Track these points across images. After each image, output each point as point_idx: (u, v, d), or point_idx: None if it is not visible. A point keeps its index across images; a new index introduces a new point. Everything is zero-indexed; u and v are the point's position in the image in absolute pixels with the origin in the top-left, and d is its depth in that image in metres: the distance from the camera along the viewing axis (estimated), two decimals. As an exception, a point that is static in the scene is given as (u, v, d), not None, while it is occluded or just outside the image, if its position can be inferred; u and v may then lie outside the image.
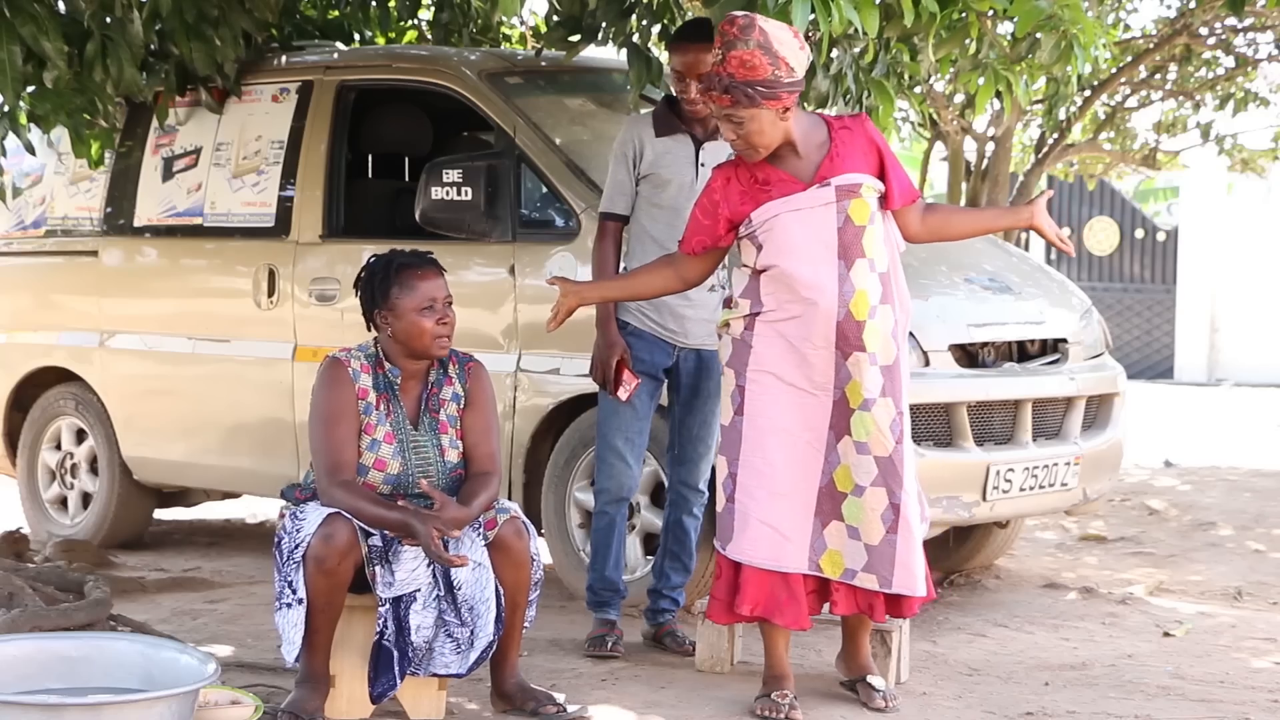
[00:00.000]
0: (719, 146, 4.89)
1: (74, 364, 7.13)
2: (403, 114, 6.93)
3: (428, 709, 4.29)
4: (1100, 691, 4.76)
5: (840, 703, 4.59)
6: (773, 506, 4.28)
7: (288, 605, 4.08)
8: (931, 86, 10.32)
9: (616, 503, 5.12)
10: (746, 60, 4.12)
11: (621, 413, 5.04)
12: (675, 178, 5.01)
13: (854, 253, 4.24)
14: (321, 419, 4.21)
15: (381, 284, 4.24)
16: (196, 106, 6.80)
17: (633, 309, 5.02)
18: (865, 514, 4.27)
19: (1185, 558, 7.35)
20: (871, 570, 4.30)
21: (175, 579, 6.39)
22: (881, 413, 4.24)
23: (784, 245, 4.25)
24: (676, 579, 5.22)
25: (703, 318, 5.03)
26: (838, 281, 4.23)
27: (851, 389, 4.24)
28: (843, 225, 4.24)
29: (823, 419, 4.28)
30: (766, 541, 4.29)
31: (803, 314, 4.24)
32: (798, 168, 4.28)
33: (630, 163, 5.05)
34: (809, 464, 4.29)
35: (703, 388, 5.11)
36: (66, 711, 3.44)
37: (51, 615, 4.67)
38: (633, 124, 5.15)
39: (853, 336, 4.23)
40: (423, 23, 8.06)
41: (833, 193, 4.24)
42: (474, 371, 4.37)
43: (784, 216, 4.25)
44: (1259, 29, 11.53)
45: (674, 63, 5.00)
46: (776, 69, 4.13)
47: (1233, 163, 14.50)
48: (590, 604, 5.19)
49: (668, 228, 4.95)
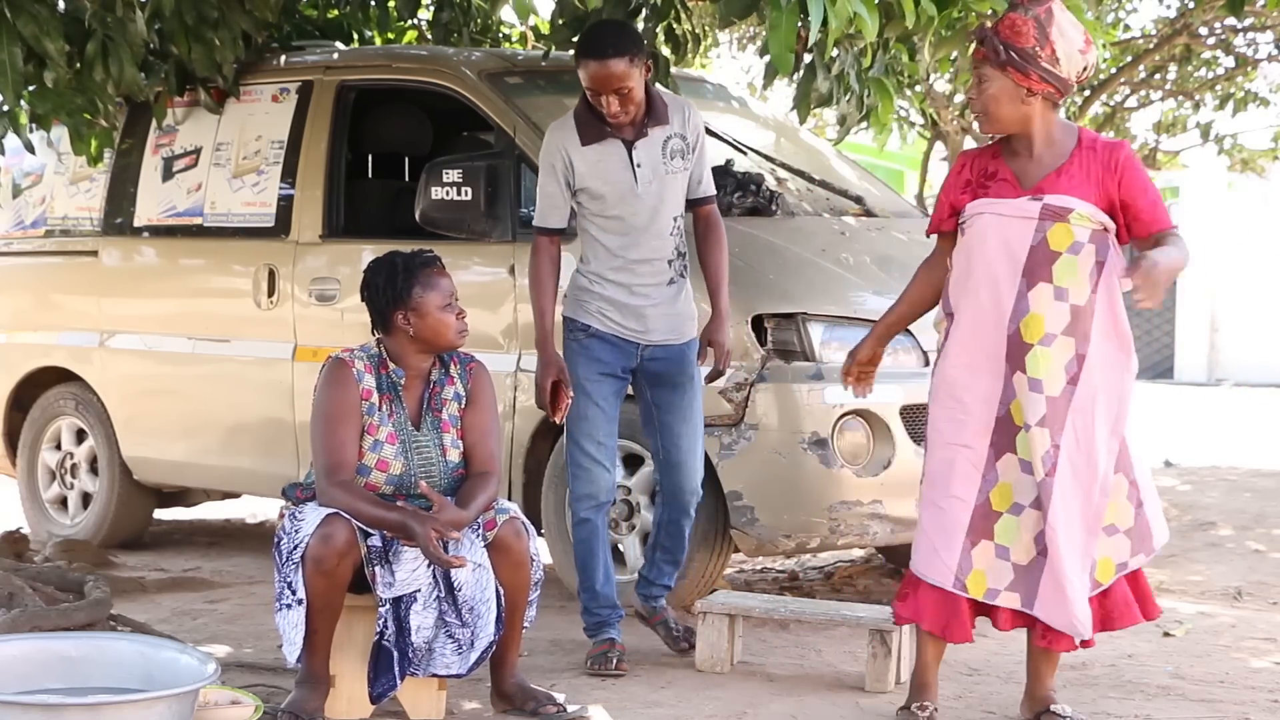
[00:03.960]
0: (650, 144, 4.83)
1: (74, 364, 7.13)
2: (403, 114, 6.94)
3: (428, 709, 4.29)
4: (1100, 691, 4.76)
5: (843, 703, 4.59)
6: (932, 516, 4.23)
7: (287, 606, 4.08)
8: (931, 86, 10.33)
9: (597, 508, 4.97)
10: (1017, 24, 4.08)
11: (589, 416, 4.90)
12: (612, 187, 4.84)
13: (1039, 275, 4.11)
14: (324, 419, 4.21)
15: (404, 284, 4.23)
16: (196, 106, 6.81)
17: (592, 310, 4.90)
18: (1019, 534, 4.17)
19: (1185, 558, 7.34)
20: (1015, 589, 4.19)
21: (175, 579, 6.39)
22: (1039, 439, 4.12)
23: (976, 246, 4.18)
24: (668, 570, 5.12)
25: (664, 313, 4.91)
26: (1015, 298, 4.13)
27: (1016, 407, 4.15)
28: (1037, 244, 4.11)
29: (983, 435, 4.18)
30: (924, 549, 4.24)
31: (982, 320, 4.17)
32: (1025, 170, 4.18)
33: (559, 175, 4.87)
34: (968, 479, 4.19)
35: (678, 383, 4.96)
36: (66, 711, 3.44)
37: (51, 615, 4.67)
38: (556, 132, 4.93)
39: (1017, 356, 4.13)
40: (423, 23, 8.06)
41: (1039, 209, 4.12)
42: (475, 371, 4.37)
43: (987, 217, 4.17)
44: (1259, 29, 11.53)
45: (586, 79, 4.77)
46: (1040, 47, 4.07)
47: (1233, 163, 14.51)
48: (588, 628, 5.01)
49: (620, 237, 4.86)
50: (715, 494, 5.43)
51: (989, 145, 4.33)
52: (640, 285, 4.89)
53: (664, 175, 4.87)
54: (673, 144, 4.89)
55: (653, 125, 4.86)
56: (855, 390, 4.58)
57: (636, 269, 4.89)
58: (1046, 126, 4.17)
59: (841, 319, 5.45)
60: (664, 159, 4.87)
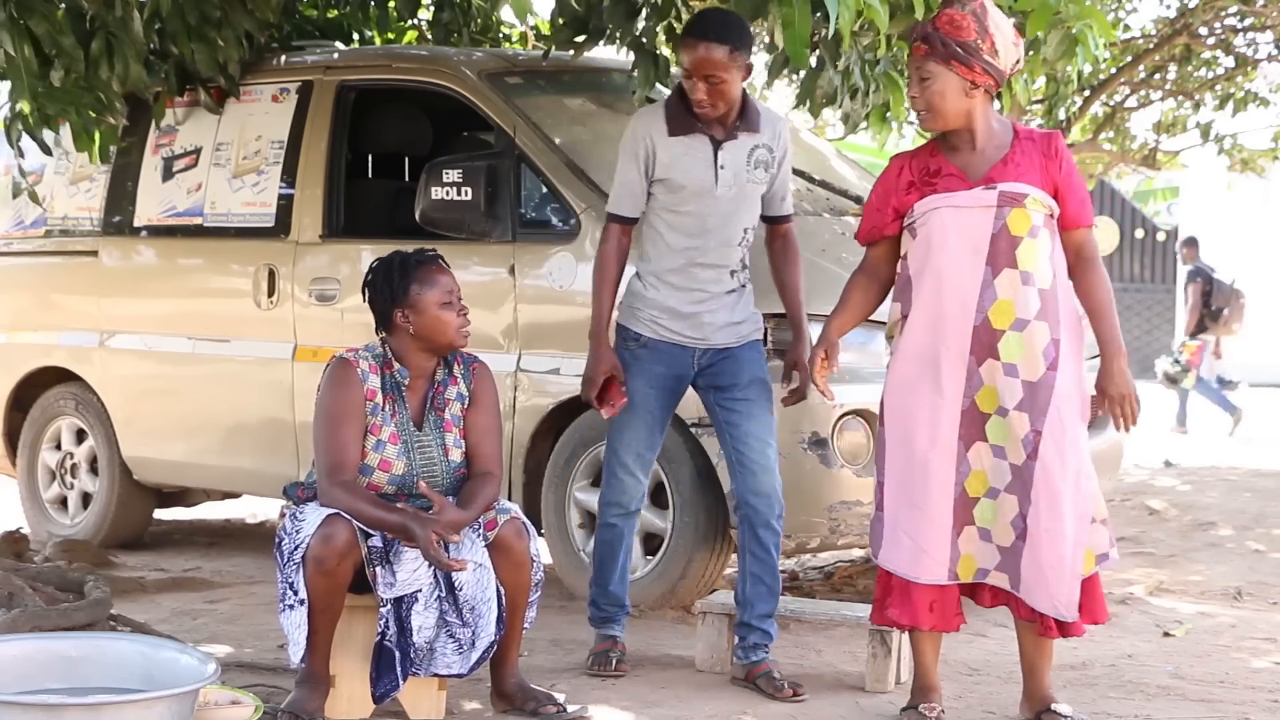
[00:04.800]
0: (737, 149, 4.74)
1: (74, 364, 7.13)
2: (403, 114, 6.93)
3: (428, 709, 4.29)
4: (1100, 691, 4.76)
5: (839, 703, 4.59)
6: (911, 518, 4.24)
7: (290, 606, 4.08)
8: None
9: (625, 515, 4.89)
10: (956, 19, 4.13)
11: (634, 426, 4.78)
12: (691, 183, 4.71)
13: (1003, 261, 4.15)
14: (327, 418, 4.21)
15: (401, 282, 4.23)
16: (196, 106, 6.81)
17: (644, 319, 4.79)
18: (997, 518, 4.20)
19: (1185, 558, 7.35)
20: (1003, 570, 4.23)
21: (175, 579, 6.39)
22: (1017, 424, 4.14)
23: (936, 241, 4.20)
24: (763, 606, 4.77)
25: (723, 321, 4.78)
26: (980, 287, 4.16)
27: (984, 395, 4.17)
28: (998, 232, 4.15)
29: (951, 429, 4.20)
30: (907, 552, 4.24)
31: (942, 314, 4.19)
32: (970, 163, 4.22)
33: (641, 163, 4.73)
34: (943, 474, 4.21)
35: (740, 383, 4.77)
36: (66, 711, 3.44)
37: (51, 615, 4.67)
38: (643, 119, 4.80)
39: (988, 344, 4.16)
40: (423, 23, 8.06)
41: (995, 197, 4.16)
42: (479, 372, 4.37)
43: (943, 211, 4.20)
44: (1259, 29, 11.55)
45: (683, 60, 4.68)
46: (981, 40, 4.12)
47: (1232, 163, 14.51)
48: (593, 619, 4.97)
49: (688, 237, 4.74)
50: (715, 494, 5.43)
51: (923, 146, 4.36)
52: (698, 291, 4.76)
53: (744, 182, 4.75)
54: (759, 154, 4.76)
55: (743, 130, 4.74)
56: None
57: (697, 274, 4.75)
58: (987, 119, 4.24)
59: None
60: (748, 167, 4.75)
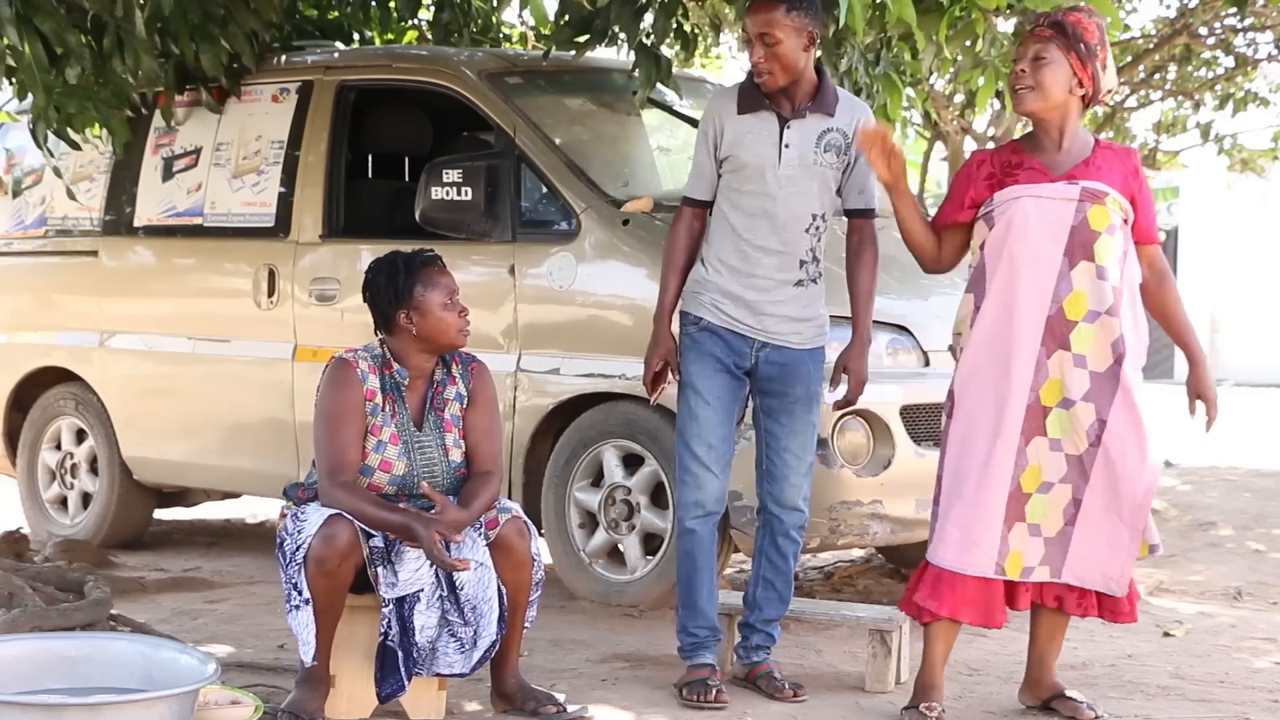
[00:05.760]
0: (806, 128, 4.56)
1: (74, 364, 7.13)
2: (403, 114, 6.93)
3: (428, 709, 4.29)
4: (1100, 691, 4.76)
5: (839, 703, 4.59)
6: (963, 511, 4.26)
7: (296, 607, 4.07)
8: (932, 86, 10.32)
9: (704, 517, 4.59)
10: (1084, 23, 4.26)
11: (700, 416, 4.57)
12: (754, 160, 4.54)
13: (1080, 254, 4.21)
14: (327, 419, 4.21)
15: (405, 283, 4.23)
16: (196, 106, 6.81)
17: (705, 302, 4.60)
18: (1049, 510, 4.24)
19: (1185, 558, 7.35)
20: (1046, 562, 4.28)
21: (175, 579, 6.39)
22: (1083, 413, 4.20)
23: (1016, 227, 4.25)
24: (771, 611, 4.73)
25: (784, 314, 4.60)
26: (1056, 277, 4.21)
27: (1048, 389, 4.22)
28: (1078, 224, 4.22)
29: (1015, 422, 4.23)
30: (955, 544, 4.26)
31: (1017, 301, 4.23)
32: (1054, 161, 4.29)
33: (710, 143, 4.61)
34: (1002, 468, 4.24)
35: (790, 392, 4.63)
36: (66, 711, 3.44)
37: (51, 615, 4.67)
38: (717, 99, 4.70)
39: (1060, 334, 4.21)
40: (423, 23, 8.07)
41: (1078, 191, 4.23)
42: (477, 371, 4.37)
43: (1025, 200, 4.25)
44: (1259, 29, 11.54)
45: (746, 24, 4.50)
46: (1100, 49, 4.25)
47: (1232, 163, 14.50)
48: (684, 649, 4.63)
49: (749, 218, 4.56)
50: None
51: (1006, 144, 4.46)
52: (760, 278, 4.57)
53: (811, 164, 4.57)
54: (830, 137, 4.59)
55: (815, 112, 4.57)
56: None
57: (759, 259, 4.56)
58: (1075, 123, 4.34)
59: (842, 319, 5.44)
60: (816, 149, 4.57)
